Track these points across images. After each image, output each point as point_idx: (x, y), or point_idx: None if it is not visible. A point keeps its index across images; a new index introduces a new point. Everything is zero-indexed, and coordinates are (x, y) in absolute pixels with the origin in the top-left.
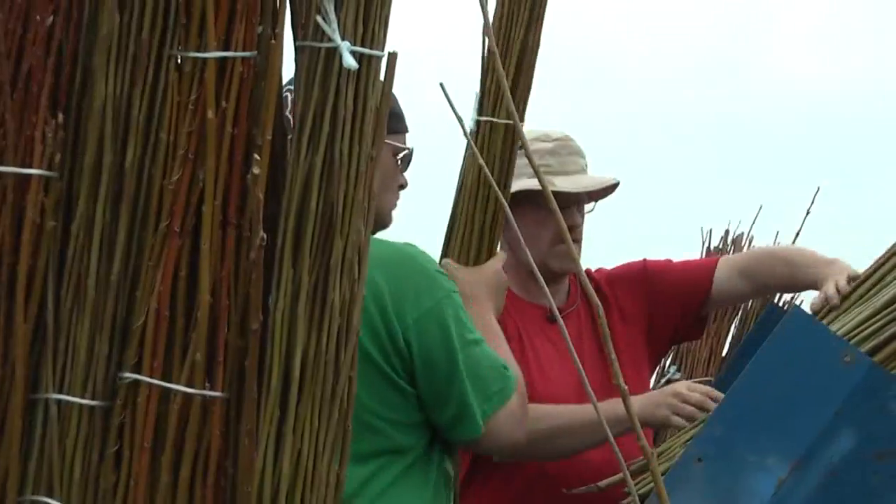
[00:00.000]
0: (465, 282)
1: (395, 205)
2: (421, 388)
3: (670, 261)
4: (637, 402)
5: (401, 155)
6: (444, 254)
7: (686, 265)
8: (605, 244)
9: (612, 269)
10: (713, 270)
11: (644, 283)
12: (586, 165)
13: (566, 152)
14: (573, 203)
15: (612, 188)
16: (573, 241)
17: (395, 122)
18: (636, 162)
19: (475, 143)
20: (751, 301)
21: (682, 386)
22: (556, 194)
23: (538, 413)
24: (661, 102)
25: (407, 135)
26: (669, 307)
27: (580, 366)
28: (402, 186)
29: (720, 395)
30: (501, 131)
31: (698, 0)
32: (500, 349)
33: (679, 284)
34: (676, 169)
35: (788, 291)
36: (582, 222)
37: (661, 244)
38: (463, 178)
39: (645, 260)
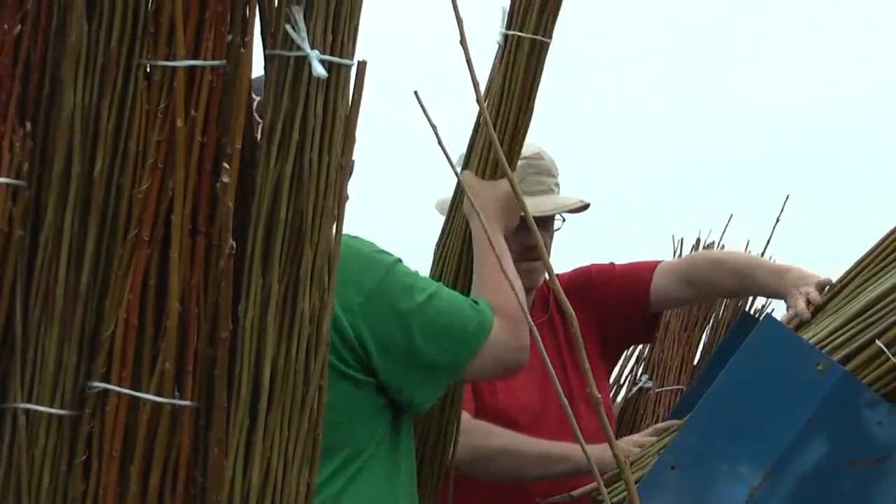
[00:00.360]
0: (477, 194)
1: None
2: (382, 370)
3: (613, 265)
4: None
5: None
6: (465, 166)
7: (626, 270)
8: (576, 252)
9: (562, 276)
10: (651, 275)
11: (591, 291)
12: (557, 184)
13: (532, 172)
14: (538, 223)
15: (578, 210)
16: (534, 259)
17: None
18: (608, 170)
19: (502, 59)
20: (722, 309)
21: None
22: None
23: (492, 431)
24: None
25: None
26: (616, 313)
27: (555, 378)
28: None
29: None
30: (527, 47)
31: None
32: (508, 266)
33: (621, 290)
34: (648, 177)
35: (741, 297)
36: (550, 241)
37: (633, 252)
38: (488, 88)
39: (590, 266)
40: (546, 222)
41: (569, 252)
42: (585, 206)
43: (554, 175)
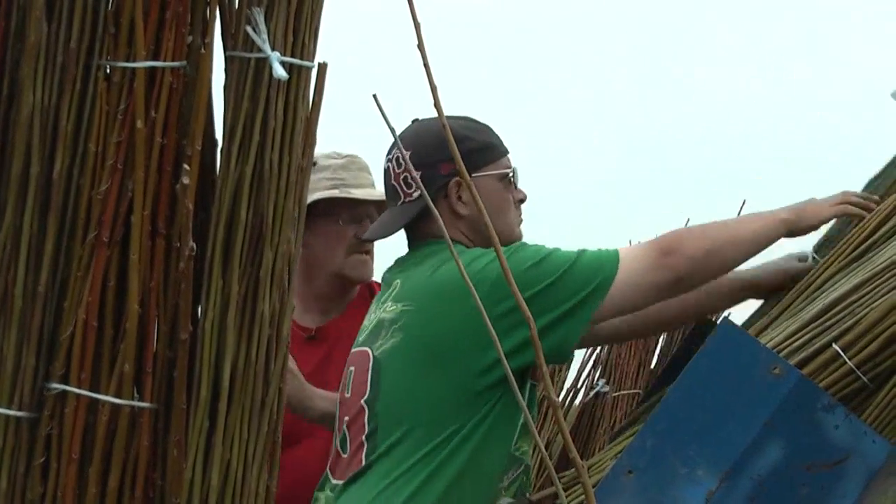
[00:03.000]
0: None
1: (520, 219)
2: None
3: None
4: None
5: (507, 177)
6: None
7: None
8: None
9: None
10: None
11: None
12: (374, 182)
13: (356, 168)
14: (365, 216)
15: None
16: (366, 252)
17: (492, 152)
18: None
19: None
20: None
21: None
22: (352, 206)
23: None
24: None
25: (508, 155)
26: None
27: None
28: (522, 200)
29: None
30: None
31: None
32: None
33: None
34: (604, 182)
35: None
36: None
37: None
38: None
39: None
40: (372, 217)
41: None
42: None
43: (371, 174)
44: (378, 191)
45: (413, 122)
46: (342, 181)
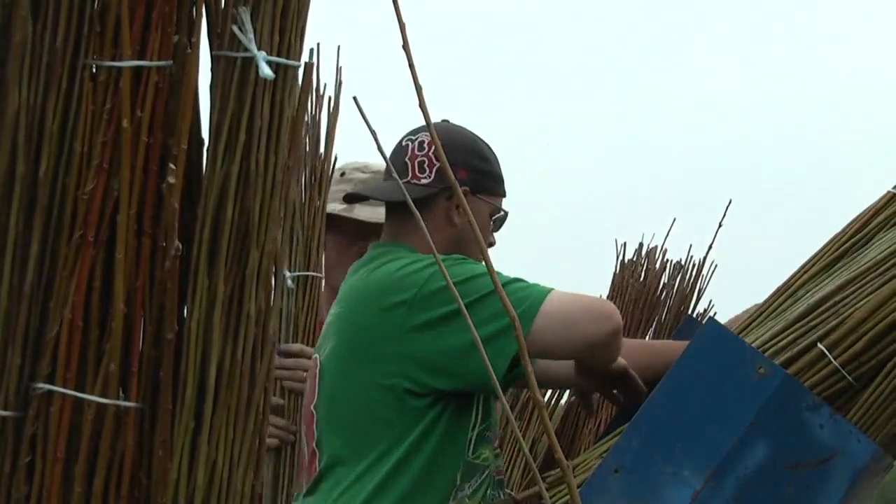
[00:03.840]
0: None
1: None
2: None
3: None
4: None
5: (496, 216)
6: None
7: None
8: (519, 257)
9: None
10: None
11: None
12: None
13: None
14: (372, 234)
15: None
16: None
17: (500, 186)
18: (550, 175)
19: None
20: (665, 313)
21: None
22: (362, 225)
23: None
24: (577, 116)
25: (504, 199)
26: None
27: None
28: (491, 244)
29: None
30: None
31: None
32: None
33: None
34: (591, 182)
35: None
36: None
37: (576, 256)
38: None
39: None
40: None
41: (512, 255)
42: None
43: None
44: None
45: (443, 121)
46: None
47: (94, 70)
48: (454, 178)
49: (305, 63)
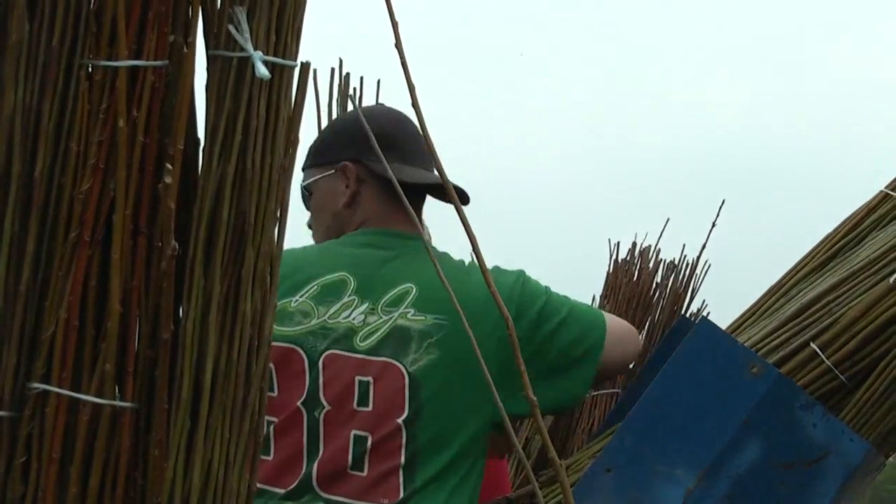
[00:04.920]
0: None
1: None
2: None
3: None
4: None
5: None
6: None
7: None
8: (516, 254)
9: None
10: None
11: None
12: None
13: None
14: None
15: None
16: None
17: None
18: (544, 174)
19: None
20: (658, 312)
21: None
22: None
23: None
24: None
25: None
26: None
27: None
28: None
29: None
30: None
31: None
32: None
33: None
34: (585, 182)
35: None
36: None
37: (570, 255)
38: None
39: None
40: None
41: (505, 255)
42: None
43: None
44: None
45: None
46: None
47: (90, 69)
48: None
49: (302, 63)
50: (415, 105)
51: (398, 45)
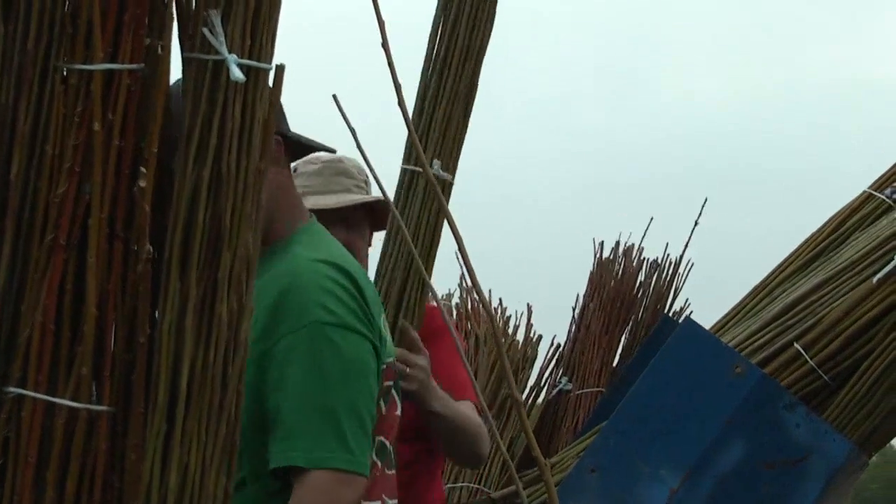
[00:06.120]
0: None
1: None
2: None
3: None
4: None
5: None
6: None
7: (447, 372)
8: (496, 253)
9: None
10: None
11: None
12: (358, 185)
13: (330, 173)
14: (338, 220)
15: (375, 206)
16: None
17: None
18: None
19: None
20: (641, 312)
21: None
22: (319, 212)
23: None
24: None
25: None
26: None
27: None
28: None
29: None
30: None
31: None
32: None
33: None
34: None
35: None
36: (362, 242)
37: (554, 254)
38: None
39: (444, 327)
40: (347, 221)
41: (489, 253)
42: (376, 201)
43: (354, 177)
44: (343, 198)
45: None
46: (308, 188)
47: (65, 73)
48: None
49: (277, 65)
50: (401, 104)
51: (385, 45)
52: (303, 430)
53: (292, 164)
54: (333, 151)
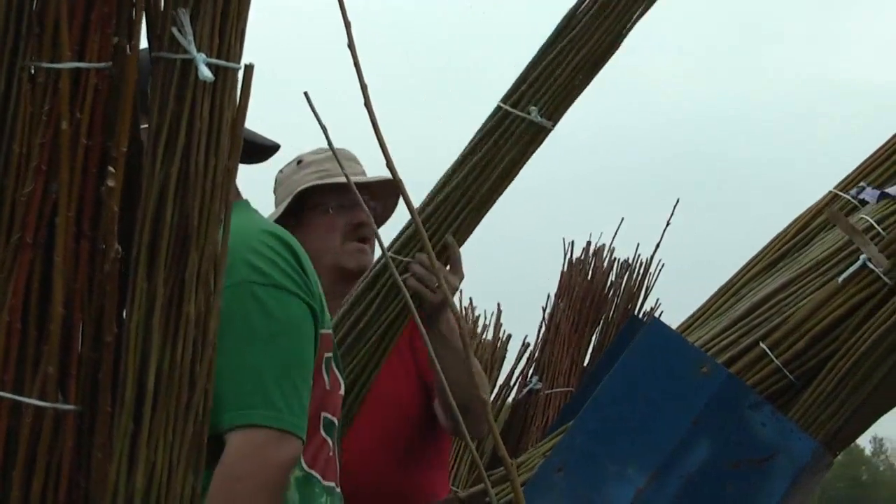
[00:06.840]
0: None
1: None
2: None
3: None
4: None
5: None
6: None
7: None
8: (467, 254)
9: None
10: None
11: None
12: (364, 171)
13: (342, 158)
14: (355, 204)
15: (390, 187)
16: (364, 238)
17: None
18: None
19: None
20: (612, 311)
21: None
22: (340, 194)
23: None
24: None
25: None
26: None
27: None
28: None
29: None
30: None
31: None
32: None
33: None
34: (540, 180)
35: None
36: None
37: (525, 254)
38: None
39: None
40: (383, 196)
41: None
42: (391, 181)
43: (361, 165)
44: (367, 175)
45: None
46: (327, 171)
47: (32, 71)
48: None
49: (245, 65)
50: (367, 105)
51: (351, 45)
52: (228, 392)
53: (298, 157)
54: (278, 146)
